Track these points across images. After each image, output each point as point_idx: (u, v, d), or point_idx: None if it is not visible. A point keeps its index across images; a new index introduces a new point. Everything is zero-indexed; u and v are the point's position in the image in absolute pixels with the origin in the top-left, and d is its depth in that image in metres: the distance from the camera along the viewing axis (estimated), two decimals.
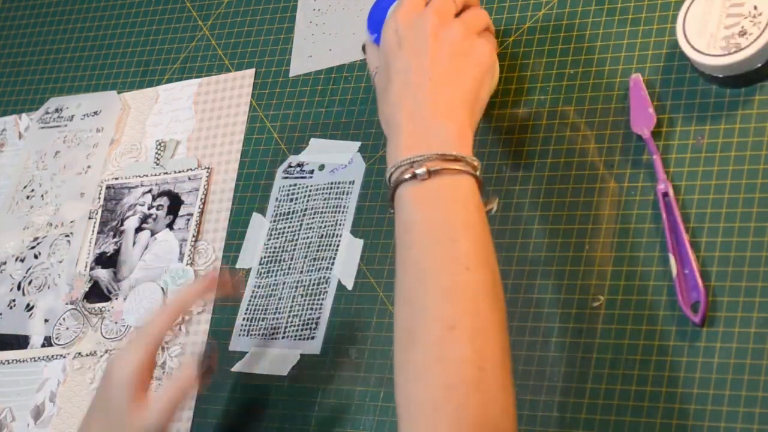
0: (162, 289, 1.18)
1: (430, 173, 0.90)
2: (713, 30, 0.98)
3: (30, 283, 1.26)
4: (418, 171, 0.90)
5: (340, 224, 1.12)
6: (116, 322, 1.19)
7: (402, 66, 0.95)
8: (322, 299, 1.10)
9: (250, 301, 1.14)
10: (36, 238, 1.28)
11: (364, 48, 1.06)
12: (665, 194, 0.97)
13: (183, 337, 1.15)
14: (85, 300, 1.22)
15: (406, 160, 0.91)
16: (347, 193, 1.13)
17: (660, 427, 0.91)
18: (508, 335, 0.87)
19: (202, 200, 1.21)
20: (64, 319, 1.22)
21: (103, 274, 1.23)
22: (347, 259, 1.10)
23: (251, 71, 1.25)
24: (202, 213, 1.20)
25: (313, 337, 1.09)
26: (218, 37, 1.30)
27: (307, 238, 1.14)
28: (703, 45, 0.98)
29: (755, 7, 0.97)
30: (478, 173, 0.91)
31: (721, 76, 0.98)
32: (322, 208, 1.14)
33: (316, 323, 1.09)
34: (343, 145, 1.16)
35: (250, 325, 1.13)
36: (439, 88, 0.94)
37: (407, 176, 0.91)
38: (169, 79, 1.31)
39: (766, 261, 0.92)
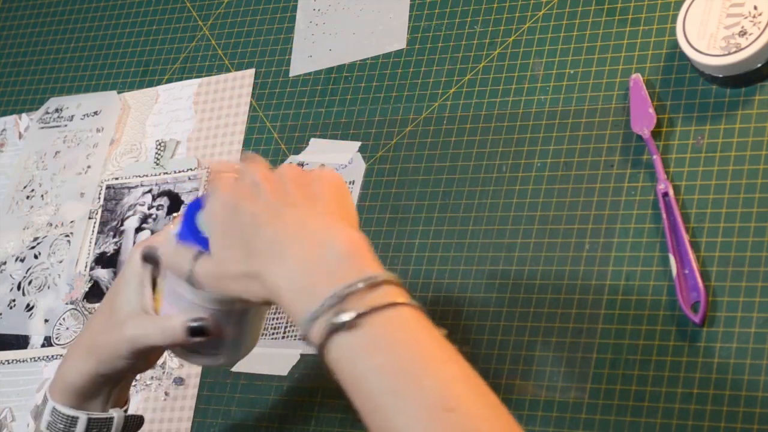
0: None
1: (359, 316, 0.72)
2: (713, 30, 0.98)
3: (30, 283, 1.26)
4: (344, 318, 0.72)
5: None
6: None
7: (248, 220, 0.79)
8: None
9: None
10: (36, 238, 1.28)
11: (147, 258, 0.90)
12: (665, 194, 0.97)
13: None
14: (85, 300, 1.22)
15: (320, 308, 0.73)
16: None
17: (660, 427, 0.91)
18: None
19: None
20: (64, 319, 1.22)
21: (103, 274, 1.23)
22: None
23: (251, 71, 1.25)
24: None
25: None
26: (218, 37, 1.30)
27: None
28: (703, 45, 0.98)
29: (755, 7, 0.97)
30: (408, 300, 0.73)
31: (721, 76, 0.98)
32: None
33: None
34: (343, 145, 1.16)
35: None
36: (306, 209, 0.79)
37: (332, 328, 0.73)
38: (169, 79, 1.31)
39: (766, 261, 0.92)
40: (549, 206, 1.03)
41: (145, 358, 0.93)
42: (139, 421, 0.97)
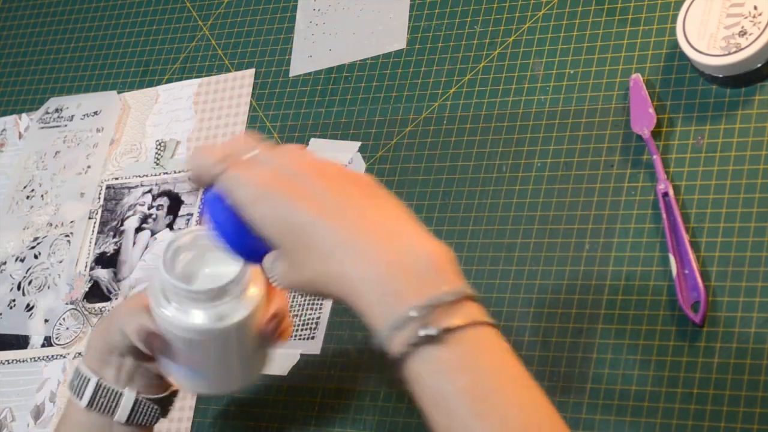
0: None
1: (446, 332, 0.70)
2: (713, 30, 0.98)
3: (30, 283, 1.26)
4: (431, 332, 0.69)
5: None
6: None
7: (303, 218, 0.75)
8: (322, 299, 1.10)
9: None
10: (36, 238, 1.28)
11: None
12: (665, 194, 0.97)
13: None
14: (85, 300, 1.22)
15: (403, 318, 0.70)
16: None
17: (660, 427, 0.91)
18: None
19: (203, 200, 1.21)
20: (64, 319, 1.22)
21: (103, 274, 1.23)
22: None
23: (251, 71, 1.25)
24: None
25: (313, 337, 1.09)
26: (218, 37, 1.30)
27: None
28: (703, 45, 0.98)
29: (755, 7, 0.97)
30: (489, 319, 0.73)
31: (721, 76, 0.98)
32: None
33: (316, 323, 1.09)
34: (343, 145, 1.16)
35: None
36: (370, 209, 0.76)
37: (417, 341, 0.70)
38: (169, 79, 1.31)
39: (766, 261, 0.92)
40: (549, 206, 1.03)
41: (129, 344, 0.92)
42: (153, 411, 0.96)
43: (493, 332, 0.72)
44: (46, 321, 1.23)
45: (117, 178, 1.27)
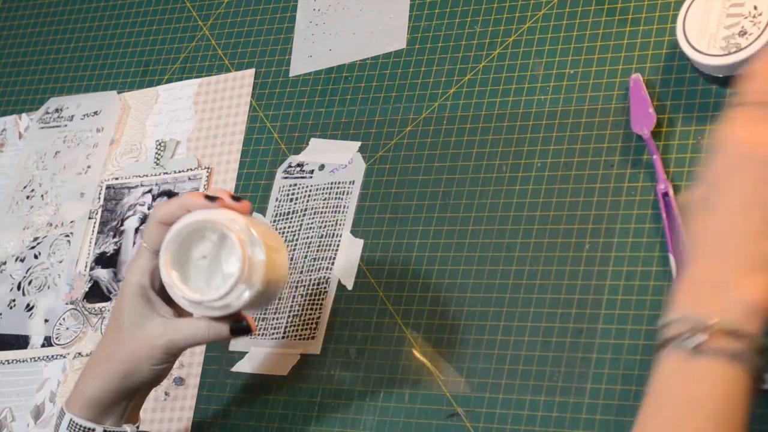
0: None
1: (701, 348, 0.74)
2: (713, 30, 0.98)
3: (30, 283, 1.26)
4: (689, 343, 0.74)
5: (340, 224, 1.12)
6: None
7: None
8: (322, 299, 1.10)
9: None
10: (36, 238, 1.28)
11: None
12: (665, 194, 0.97)
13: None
14: (85, 300, 1.22)
15: (681, 319, 0.75)
16: (347, 193, 1.13)
17: None
18: None
19: None
20: (64, 319, 1.22)
21: (103, 274, 1.23)
22: (347, 259, 1.10)
23: (251, 71, 1.25)
24: None
25: (313, 337, 1.09)
26: (218, 37, 1.30)
27: (307, 238, 1.14)
28: (703, 45, 0.98)
29: (755, 7, 0.97)
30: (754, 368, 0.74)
31: (721, 76, 0.98)
32: (322, 208, 1.14)
33: (316, 323, 1.09)
34: (343, 145, 1.16)
35: None
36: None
37: (674, 340, 0.75)
38: (169, 79, 1.31)
39: None
40: (549, 206, 1.03)
41: (172, 361, 0.99)
42: None
43: (747, 378, 0.74)
44: (46, 321, 1.23)
45: (117, 178, 1.27)
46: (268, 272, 0.94)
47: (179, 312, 0.99)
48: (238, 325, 0.96)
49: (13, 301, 1.26)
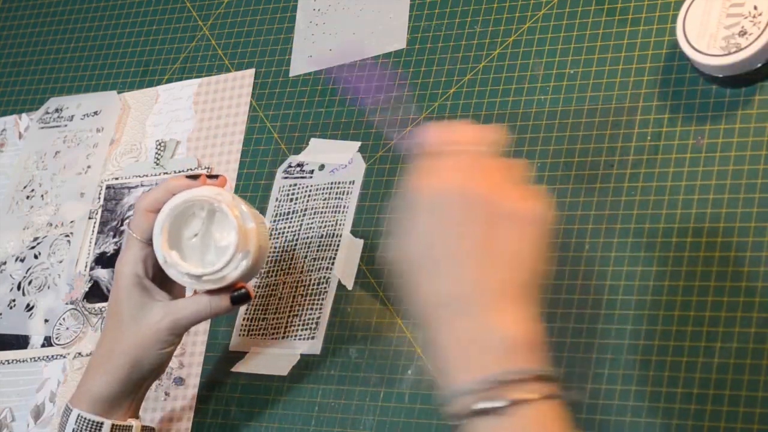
0: None
1: (512, 404, 0.72)
2: (713, 30, 0.98)
3: (30, 283, 1.26)
4: (497, 405, 0.72)
5: (340, 224, 1.12)
6: None
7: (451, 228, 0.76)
8: (322, 299, 1.10)
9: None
10: (36, 238, 1.28)
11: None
12: None
13: (183, 337, 1.15)
14: (85, 300, 1.22)
15: (472, 386, 0.73)
16: (347, 193, 1.13)
17: (660, 427, 0.91)
18: None
19: None
20: (64, 319, 1.22)
21: (103, 274, 1.23)
22: (347, 259, 1.10)
23: (251, 71, 1.25)
24: None
25: (313, 337, 1.09)
26: (218, 37, 1.30)
27: (307, 238, 1.14)
28: (703, 45, 0.98)
29: (755, 7, 0.97)
30: (557, 393, 0.74)
31: (721, 76, 0.98)
32: (322, 208, 1.14)
33: (316, 323, 1.09)
34: (343, 145, 1.16)
35: (250, 325, 1.13)
36: (472, 268, 0.76)
37: (482, 408, 0.73)
38: (169, 79, 1.31)
39: (766, 261, 0.92)
40: (549, 206, 1.03)
41: (177, 342, 1.01)
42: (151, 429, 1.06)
43: (555, 409, 0.73)
44: (46, 321, 1.23)
45: (117, 178, 1.27)
46: (258, 240, 0.99)
47: (174, 296, 1.02)
48: (238, 293, 1.00)
49: (13, 301, 1.26)
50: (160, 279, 1.01)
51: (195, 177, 1.00)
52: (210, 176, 1.01)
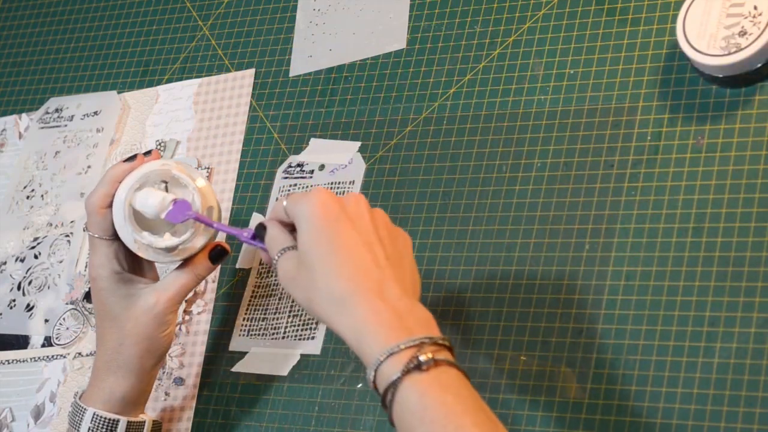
0: None
1: (436, 362, 0.81)
2: (713, 30, 0.98)
3: (30, 283, 1.26)
4: (422, 358, 0.81)
5: None
6: None
7: (345, 242, 0.86)
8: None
9: (250, 301, 1.14)
10: (36, 238, 1.28)
11: (260, 228, 0.96)
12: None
13: (183, 337, 1.15)
14: (85, 300, 1.22)
15: (401, 345, 0.81)
16: (347, 193, 1.13)
17: (660, 427, 0.91)
18: None
19: None
20: (64, 319, 1.22)
21: None
22: None
23: (251, 71, 1.25)
24: None
25: (313, 337, 1.09)
26: (218, 37, 1.30)
27: None
28: (703, 45, 0.98)
29: (755, 7, 0.97)
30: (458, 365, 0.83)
31: (721, 76, 0.98)
32: None
33: (316, 323, 1.09)
34: (343, 145, 1.16)
35: (250, 325, 1.13)
36: (396, 268, 0.87)
37: (411, 365, 0.81)
38: (169, 79, 1.31)
39: (766, 261, 0.92)
40: (549, 206, 1.03)
41: (175, 319, 1.04)
42: (158, 426, 1.07)
43: (462, 376, 0.82)
44: (46, 321, 1.23)
45: None
46: (214, 194, 1.03)
47: (151, 278, 1.05)
48: (216, 252, 1.04)
49: (13, 301, 1.26)
50: (132, 269, 1.04)
51: (133, 157, 1.03)
52: (144, 154, 1.04)
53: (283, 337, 1.10)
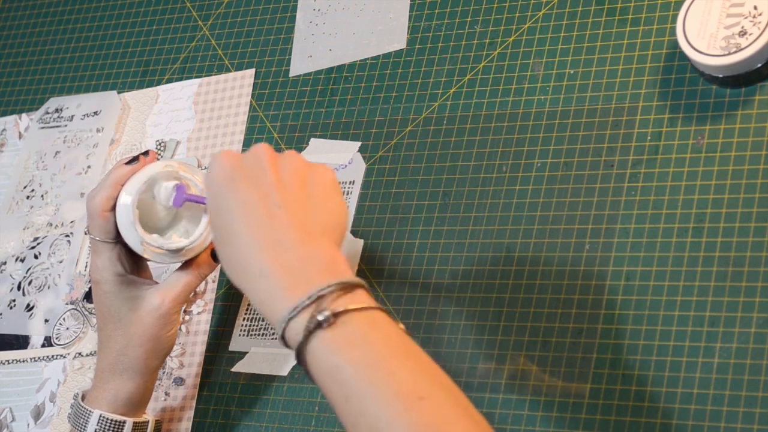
0: None
1: (335, 315, 0.77)
2: (713, 30, 0.98)
3: (30, 283, 1.26)
4: (320, 317, 0.76)
5: None
6: None
7: (241, 201, 0.82)
8: None
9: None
10: (36, 238, 1.28)
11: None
12: None
13: (183, 337, 1.15)
14: (85, 300, 1.22)
15: (298, 307, 0.77)
16: (347, 193, 1.13)
17: (660, 427, 0.91)
18: None
19: None
20: (64, 319, 1.22)
21: None
22: (347, 259, 1.10)
23: (251, 71, 1.25)
24: None
25: None
26: (218, 37, 1.30)
27: None
28: (703, 45, 0.98)
29: (755, 7, 0.97)
30: (377, 305, 0.79)
31: (721, 76, 0.98)
32: None
33: None
34: (343, 145, 1.16)
35: (250, 325, 1.13)
36: (297, 210, 0.82)
37: (311, 326, 0.77)
38: (169, 79, 1.31)
39: (766, 261, 0.92)
40: (549, 206, 1.03)
41: (179, 318, 1.04)
42: (159, 426, 1.08)
43: (381, 314, 0.78)
44: (46, 321, 1.23)
45: None
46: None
47: (149, 279, 1.06)
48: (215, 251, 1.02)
49: (13, 301, 1.26)
50: (132, 270, 1.04)
51: (136, 158, 1.03)
52: (143, 154, 1.04)
53: None
